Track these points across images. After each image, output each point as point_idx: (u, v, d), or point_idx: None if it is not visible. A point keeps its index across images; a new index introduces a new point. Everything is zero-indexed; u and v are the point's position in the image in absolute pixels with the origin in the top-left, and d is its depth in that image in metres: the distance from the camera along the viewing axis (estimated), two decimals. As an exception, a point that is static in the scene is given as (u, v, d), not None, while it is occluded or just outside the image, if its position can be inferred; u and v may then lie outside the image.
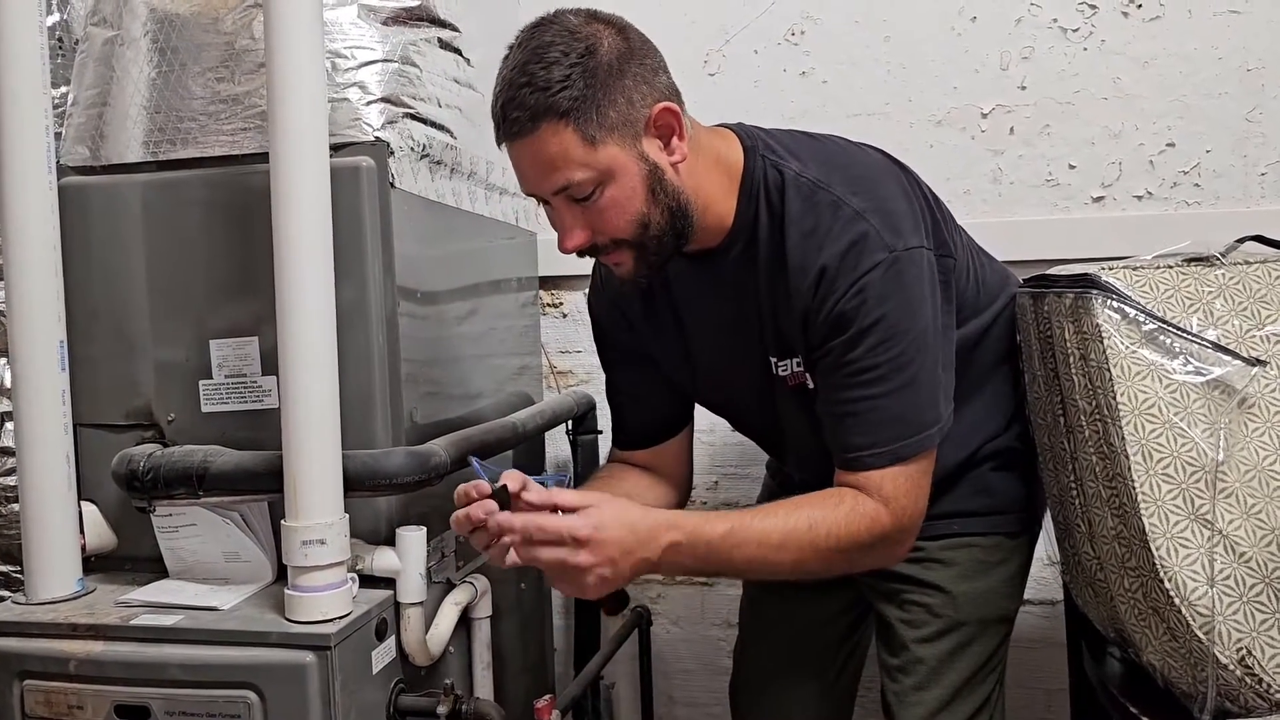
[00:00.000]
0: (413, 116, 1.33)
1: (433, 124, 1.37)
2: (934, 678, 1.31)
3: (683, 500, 1.45)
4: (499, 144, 1.14)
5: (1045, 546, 1.39)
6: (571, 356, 1.97)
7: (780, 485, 1.51)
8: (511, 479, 1.08)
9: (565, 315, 1.97)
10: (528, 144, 1.10)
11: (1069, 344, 1.19)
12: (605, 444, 1.82)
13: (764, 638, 1.55)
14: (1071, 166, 1.77)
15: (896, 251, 1.13)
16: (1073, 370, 1.19)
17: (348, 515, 1.18)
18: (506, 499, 1.07)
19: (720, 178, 1.20)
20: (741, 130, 1.24)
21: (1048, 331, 1.25)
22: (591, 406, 1.84)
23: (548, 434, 1.82)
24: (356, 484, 1.19)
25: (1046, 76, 1.77)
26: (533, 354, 1.87)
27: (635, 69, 1.11)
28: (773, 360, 1.25)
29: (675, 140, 1.14)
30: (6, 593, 1.47)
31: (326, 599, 1.15)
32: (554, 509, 1.07)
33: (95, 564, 1.37)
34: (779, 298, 1.19)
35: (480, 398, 1.62)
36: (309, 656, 1.12)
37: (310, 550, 1.14)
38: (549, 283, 1.92)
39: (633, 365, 1.39)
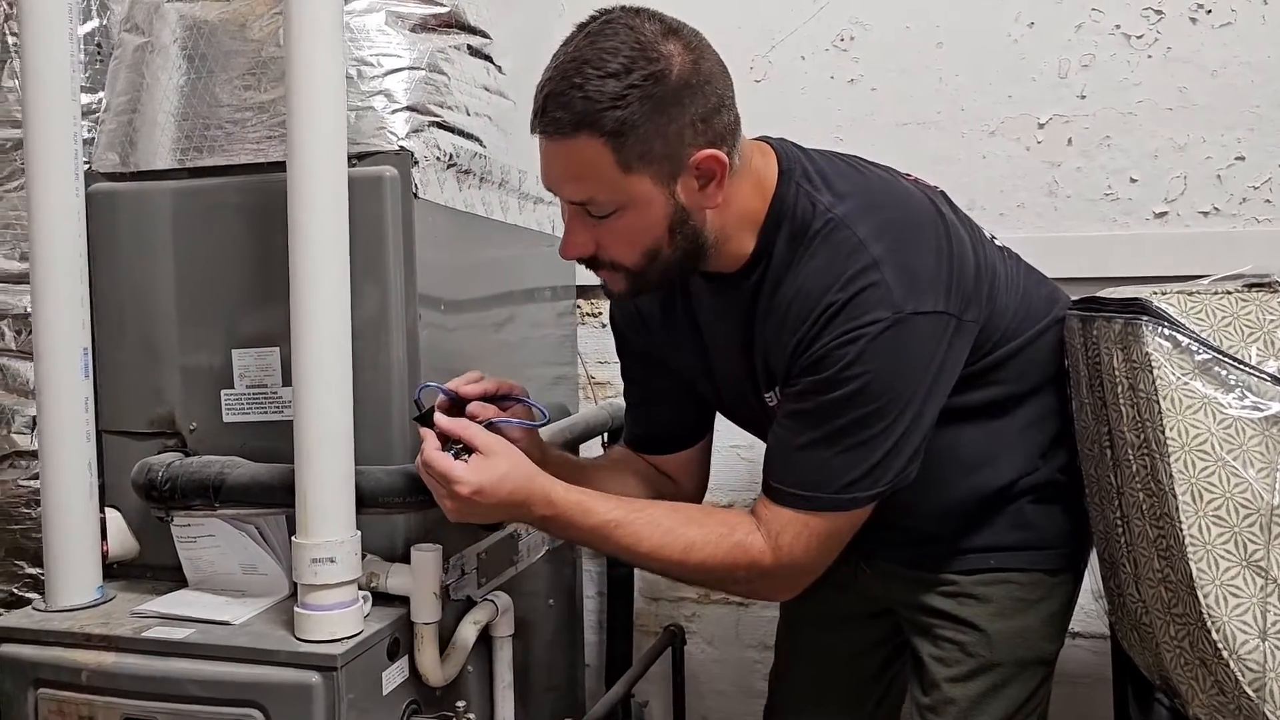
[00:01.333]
0: (440, 125, 1.30)
1: (461, 133, 1.35)
2: None
3: (690, 499, 1.41)
4: (532, 130, 1.08)
5: (1092, 580, 1.32)
6: (610, 367, 1.94)
7: None
8: (468, 389, 1.18)
9: (604, 325, 1.93)
10: (560, 146, 1.05)
11: (1117, 372, 1.12)
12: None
13: (800, 665, 1.50)
14: (1133, 180, 1.69)
15: (903, 314, 1.07)
16: (1121, 400, 1.12)
17: (359, 532, 1.16)
18: (429, 420, 1.13)
19: (752, 203, 1.15)
20: (784, 150, 1.18)
21: (1096, 357, 1.18)
22: (627, 420, 1.80)
23: (582, 446, 1.79)
24: (369, 501, 1.17)
25: (1108, 85, 1.69)
26: (570, 364, 1.84)
27: (696, 105, 1.05)
28: (764, 393, 1.21)
29: (713, 187, 1.08)
30: (36, 594, 1.48)
31: (335, 618, 1.13)
32: (458, 442, 1.11)
33: (118, 571, 1.37)
34: (776, 328, 1.15)
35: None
36: (315, 677, 1.10)
37: (320, 568, 1.12)
38: (587, 292, 1.89)
39: (645, 372, 1.37)
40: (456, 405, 1.17)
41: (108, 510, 1.35)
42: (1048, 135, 1.72)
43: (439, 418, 1.13)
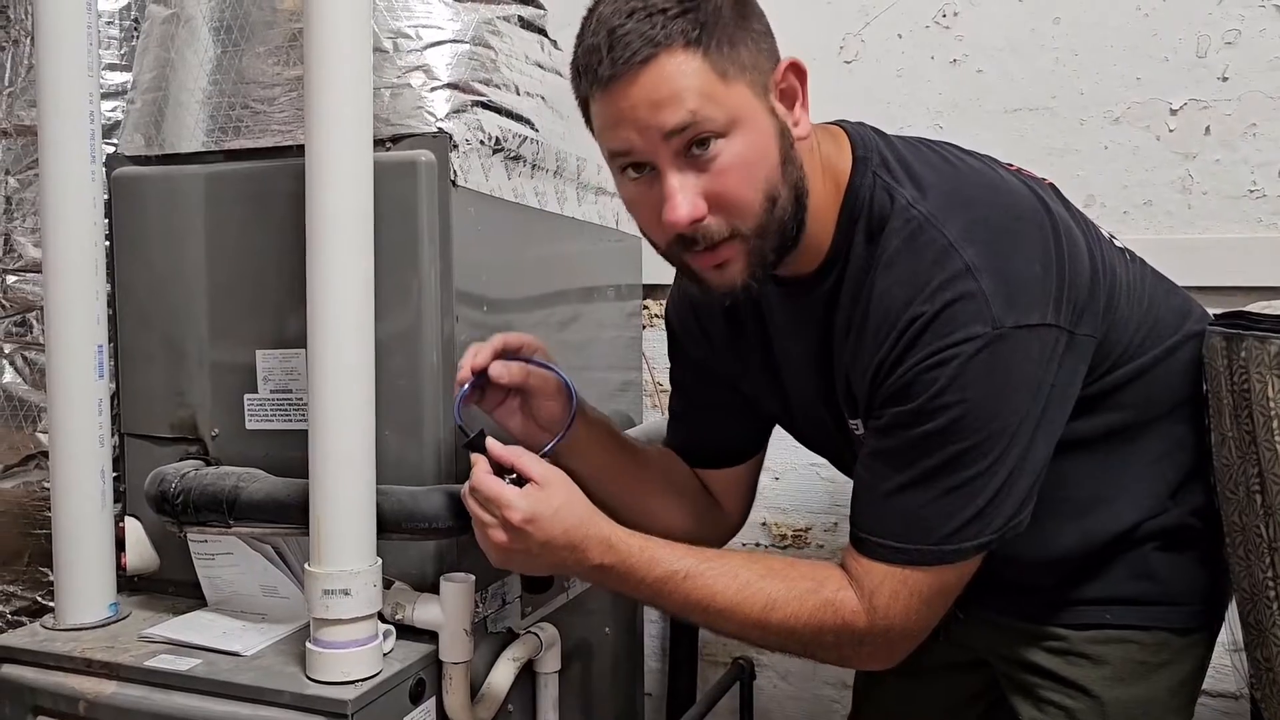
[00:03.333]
0: (485, 105, 1.17)
1: (510, 114, 1.21)
2: (1072, 800, 1.07)
3: (730, 531, 1.28)
4: (588, 94, 0.93)
5: (1228, 633, 1.13)
6: (679, 374, 1.78)
7: None
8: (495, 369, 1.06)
9: (674, 328, 1.79)
10: (640, 77, 0.89)
11: (1272, 404, 0.94)
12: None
13: (879, 715, 1.33)
14: (1282, 175, 1.48)
15: (1004, 329, 0.90)
16: (1276, 437, 0.94)
17: (380, 560, 1.03)
18: (480, 445, 1.01)
19: (826, 186, 0.99)
20: (857, 134, 1.02)
21: (1244, 384, 0.99)
22: (695, 432, 1.65)
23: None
24: (391, 526, 1.04)
25: (1255, 65, 1.48)
26: (635, 369, 1.70)
27: (758, 20, 0.95)
28: (849, 420, 1.05)
29: (799, 108, 0.96)
30: (61, 603, 1.40)
31: (350, 657, 1.01)
32: (512, 471, 0.99)
33: (139, 584, 1.28)
34: (855, 347, 0.99)
35: (575, 416, 1.46)
36: (323, 724, 0.98)
37: (332, 601, 1.00)
38: (656, 291, 1.74)
39: (697, 382, 1.24)
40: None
41: (128, 520, 1.26)
42: (1182, 123, 1.51)
43: (491, 443, 1.00)
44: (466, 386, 1.06)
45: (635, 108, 0.90)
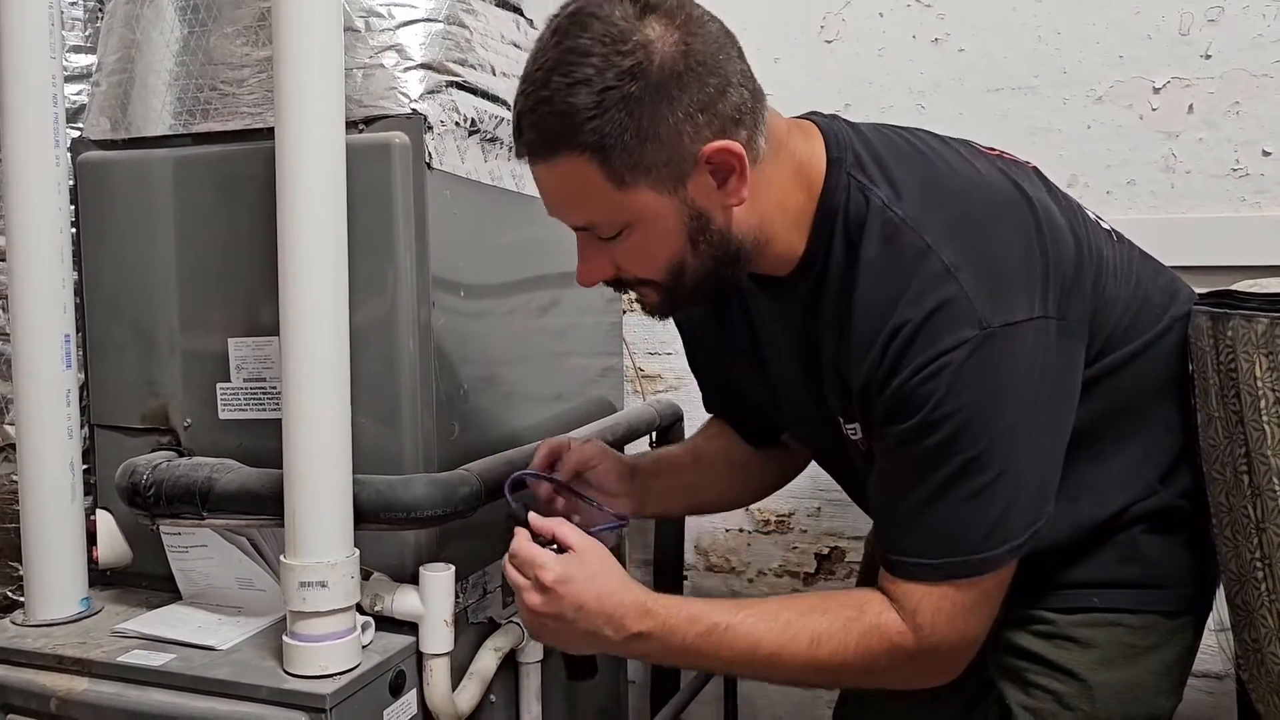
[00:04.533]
0: (460, 85, 1.15)
1: (485, 95, 1.19)
2: (1060, 784, 1.06)
3: (787, 477, 1.31)
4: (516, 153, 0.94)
5: (1215, 616, 1.12)
6: (660, 359, 1.77)
7: None
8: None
9: (655, 313, 1.77)
10: (543, 170, 0.91)
11: (1259, 383, 0.93)
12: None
13: (866, 704, 1.32)
14: (1266, 153, 1.46)
15: (992, 328, 0.88)
16: (1263, 417, 0.93)
17: (358, 552, 1.01)
18: (523, 516, 1.01)
19: (796, 196, 0.97)
20: (830, 132, 1.00)
21: (1231, 363, 0.98)
22: (678, 418, 1.64)
23: (628, 446, 1.63)
24: (369, 516, 1.02)
25: (1238, 43, 1.46)
26: (616, 355, 1.68)
27: (692, 94, 0.87)
28: (841, 421, 1.03)
29: (734, 181, 0.91)
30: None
31: (327, 650, 0.99)
32: (552, 539, 0.98)
33: (111, 578, 1.25)
34: (845, 350, 0.97)
35: (556, 402, 1.44)
36: (301, 719, 0.96)
37: (309, 594, 0.98)
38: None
39: (712, 374, 1.25)
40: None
41: (99, 513, 1.23)
42: (1165, 101, 1.50)
43: (532, 515, 1.01)
44: (533, 473, 1.08)
45: (544, 193, 0.94)
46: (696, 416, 1.31)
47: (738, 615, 0.97)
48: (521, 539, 0.98)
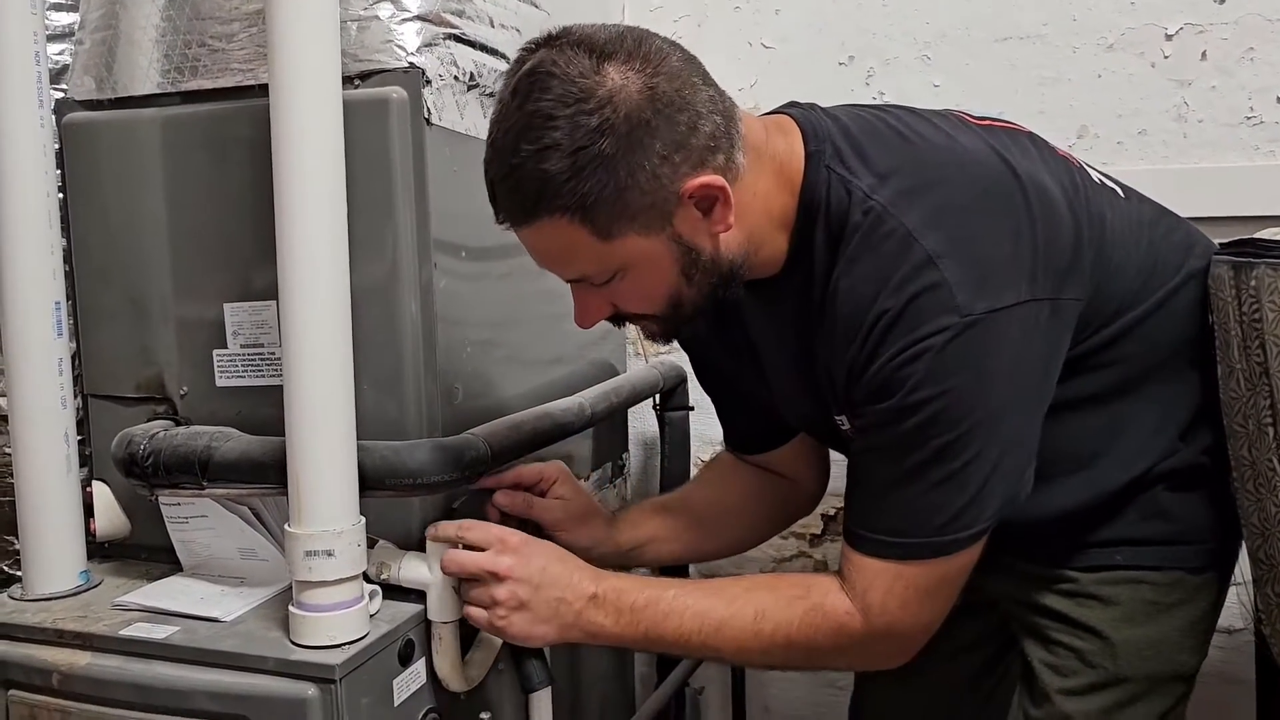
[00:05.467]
0: (458, 38, 1.11)
1: (484, 48, 1.15)
2: (1082, 741, 1.05)
3: (811, 500, 1.28)
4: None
5: (1238, 571, 1.11)
6: (663, 320, 1.74)
7: None
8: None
9: (657, 273, 1.74)
10: (527, 233, 0.91)
11: (1287, 333, 0.91)
12: (696, 421, 1.61)
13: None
14: (1280, 100, 1.44)
15: (973, 316, 0.87)
16: (1291, 367, 0.90)
17: (364, 519, 0.99)
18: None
19: (778, 199, 0.96)
20: (808, 125, 0.98)
21: (1255, 314, 0.96)
22: (681, 379, 1.62)
23: (633, 410, 1.61)
24: (373, 483, 1.00)
25: (1253, -13, 1.43)
26: (618, 317, 1.65)
27: (665, 135, 0.86)
28: (836, 417, 1.02)
29: (719, 209, 0.90)
30: (30, 573, 1.35)
31: (335, 620, 0.97)
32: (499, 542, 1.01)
33: (110, 551, 1.23)
34: (830, 346, 0.96)
35: (557, 365, 1.42)
36: (310, 690, 0.94)
37: (315, 563, 0.96)
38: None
39: (715, 379, 1.24)
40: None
41: (96, 484, 1.21)
42: (1177, 48, 1.47)
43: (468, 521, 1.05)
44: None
45: (532, 253, 0.94)
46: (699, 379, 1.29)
47: (685, 588, 0.99)
48: (469, 524, 1.02)
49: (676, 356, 1.71)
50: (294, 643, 0.97)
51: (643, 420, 1.72)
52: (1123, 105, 1.50)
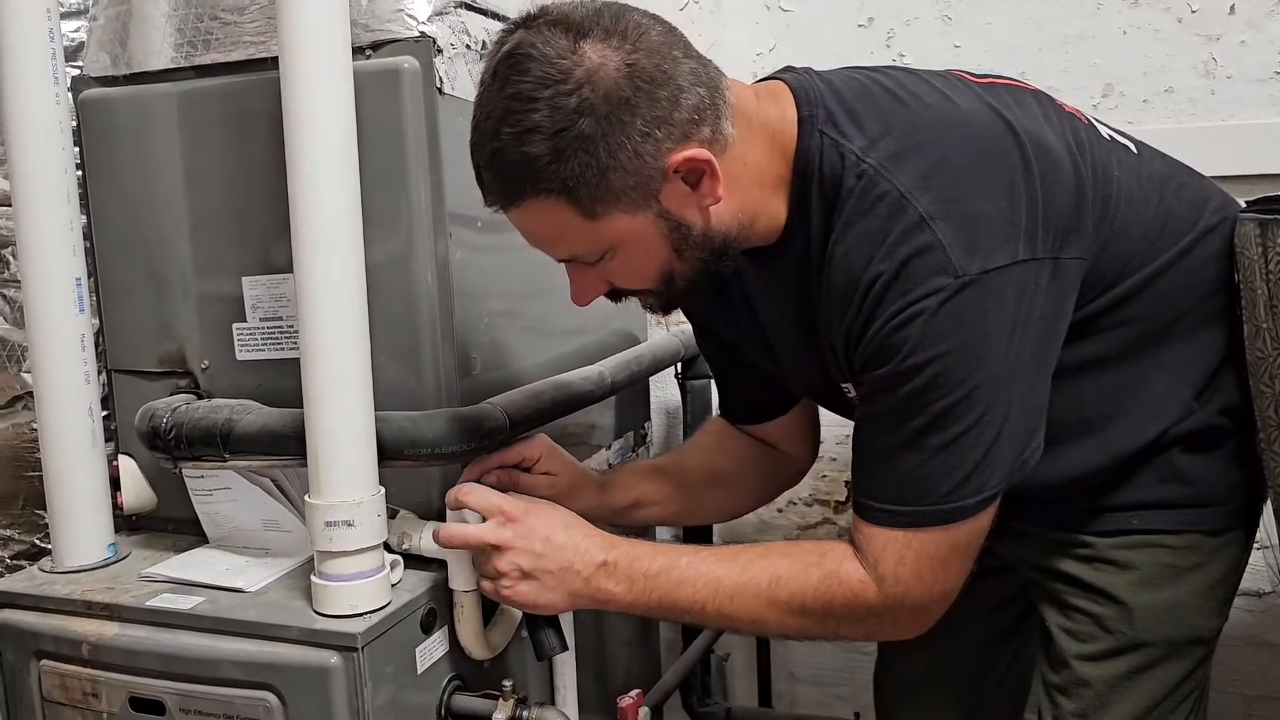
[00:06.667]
0: (469, 6, 1.11)
1: (495, 15, 1.15)
2: (1101, 706, 1.05)
3: (800, 473, 1.26)
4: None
5: (1263, 531, 1.10)
6: (683, 289, 1.73)
7: None
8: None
9: (676, 242, 1.73)
10: (515, 214, 0.91)
11: (1315, 291, 0.89)
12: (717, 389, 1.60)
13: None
14: (1312, 54, 1.40)
15: (967, 277, 0.85)
16: (1319, 326, 0.88)
17: (383, 489, 0.99)
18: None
19: (772, 167, 0.94)
20: (800, 89, 0.96)
21: (1282, 272, 0.94)
22: (702, 348, 1.61)
23: (654, 378, 1.61)
24: (392, 453, 1.00)
25: (1282, -63, 1.39)
26: (638, 286, 1.65)
27: (645, 111, 0.85)
28: (841, 385, 1.01)
29: (707, 181, 0.89)
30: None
31: (356, 590, 0.98)
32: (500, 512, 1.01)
33: (137, 523, 1.24)
34: (829, 312, 0.94)
35: (577, 335, 1.42)
36: (333, 658, 0.95)
37: (336, 533, 0.96)
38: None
39: (716, 348, 1.22)
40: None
41: (121, 458, 1.22)
42: (1205, 3, 1.44)
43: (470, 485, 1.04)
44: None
45: (521, 232, 0.94)
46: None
47: (699, 555, 0.98)
48: (468, 489, 1.01)
49: (697, 325, 1.71)
50: (317, 612, 0.98)
51: (665, 389, 1.72)
52: (1148, 62, 1.47)
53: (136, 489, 1.22)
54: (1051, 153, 0.93)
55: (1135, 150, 1.05)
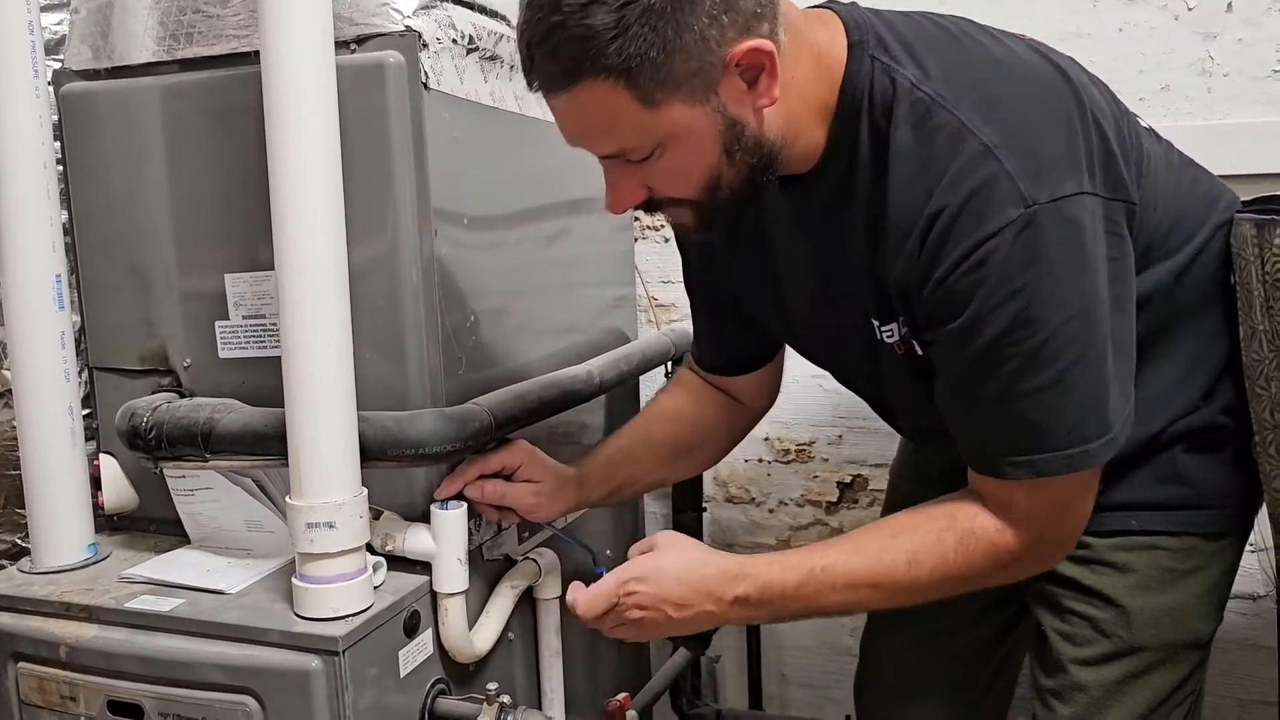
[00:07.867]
0: (456, 0, 1.08)
1: (482, 9, 1.13)
2: (1097, 711, 1.04)
3: (752, 423, 1.28)
4: (528, 85, 0.88)
5: (1258, 534, 1.08)
6: (674, 287, 1.72)
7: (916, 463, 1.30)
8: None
9: (667, 240, 1.71)
10: (565, 101, 0.85)
11: (1312, 293, 0.87)
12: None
13: (895, 630, 1.30)
14: (1310, 53, 1.39)
15: (1038, 205, 0.83)
16: (1315, 329, 0.87)
17: (365, 490, 0.98)
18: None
19: (815, 88, 0.91)
20: (852, 17, 0.93)
21: (1278, 273, 0.92)
22: (693, 347, 1.59)
23: (645, 377, 1.59)
24: (376, 454, 0.99)
25: (1280, -66, 1.38)
26: (629, 284, 1.63)
27: None
28: (875, 324, 0.98)
29: (765, 80, 0.85)
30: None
31: (337, 592, 0.96)
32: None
33: (119, 523, 1.23)
34: (880, 249, 0.91)
35: (568, 334, 1.40)
36: (314, 662, 0.93)
37: (317, 535, 0.95)
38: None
39: (706, 292, 1.20)
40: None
41: (103, 457, 1.21)
42: (1201, 0, 1.42)
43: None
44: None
45: (565, 126, 0.89)
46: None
47: (829, 555, 0.96)
48: (584, 604, 1.02)
49: (689, 324, 1.69)
50: (297, 615, 0.97)
51: (655, 388, 1.70)
52: (1145, 60, 1.45)
53: (118, 488, 1.20)
54: (1100, 103, 0.92)
55: (1156, 137, 1.04)
